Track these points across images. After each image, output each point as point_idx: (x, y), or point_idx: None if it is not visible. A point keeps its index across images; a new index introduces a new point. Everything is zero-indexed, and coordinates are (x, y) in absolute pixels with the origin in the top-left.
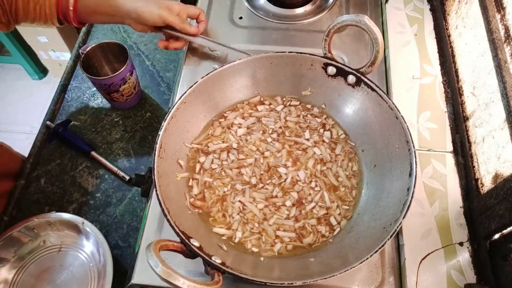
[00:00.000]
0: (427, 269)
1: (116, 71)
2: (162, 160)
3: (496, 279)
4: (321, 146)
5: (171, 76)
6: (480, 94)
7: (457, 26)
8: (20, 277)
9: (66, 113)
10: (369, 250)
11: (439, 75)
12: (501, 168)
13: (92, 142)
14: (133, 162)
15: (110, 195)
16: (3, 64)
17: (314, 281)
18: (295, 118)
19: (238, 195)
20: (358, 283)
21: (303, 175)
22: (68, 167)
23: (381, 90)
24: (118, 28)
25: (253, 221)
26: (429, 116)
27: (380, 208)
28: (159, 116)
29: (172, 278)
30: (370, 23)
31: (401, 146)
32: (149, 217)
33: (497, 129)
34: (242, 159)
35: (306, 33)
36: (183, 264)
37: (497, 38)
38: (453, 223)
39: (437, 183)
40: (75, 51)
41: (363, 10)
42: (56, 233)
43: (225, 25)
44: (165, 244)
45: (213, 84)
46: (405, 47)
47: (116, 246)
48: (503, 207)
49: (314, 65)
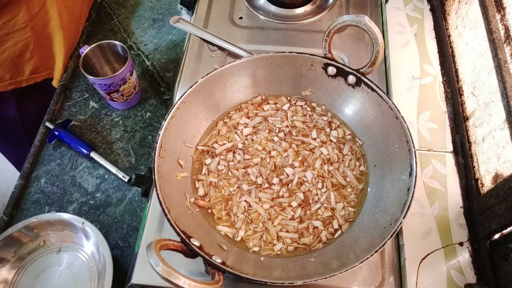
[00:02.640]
0: (427, 269)
1: (116, 71)
2: (162, 159)
3: (496, 279)
4: (329, 146)
5: (171, 76)
6: (480, 94)
7: (457, 26)
8: (20, 277)
9: (66, 113)
10: (369, 250)
11: (439, 75)
12: (501, 168)
13: (92, 142)
14: (133, 162)
15: (110, 195)
16: None
17: (314, 281)
18: (301, 117)
19: (244, 195)
20: (358, 283)
21: (310, 175)
22: (68, 167)
23: (381, 90)
24: (118, 28)
25: (257, 221)
26: (429, 116)
27: (380, 208)
28: (159, 116)
29: (173, 277)
30: (370, 23)
31: (401, 146)
32: (149, 217)
33: (497, 129)
34: (248, 159)
35: (306, 33)
36: (183, 264)
37: (497, 38)
38: (453, 223)
39: (437, 183)
40: (75, 51)
41: (363, 10)
42: (56, 233)
43: (225, 25)
44: (165, 243)
45: (213, 84)
46: (405, 47)
47: (116, 246)
48: (503, 207)
49: (314, 65)
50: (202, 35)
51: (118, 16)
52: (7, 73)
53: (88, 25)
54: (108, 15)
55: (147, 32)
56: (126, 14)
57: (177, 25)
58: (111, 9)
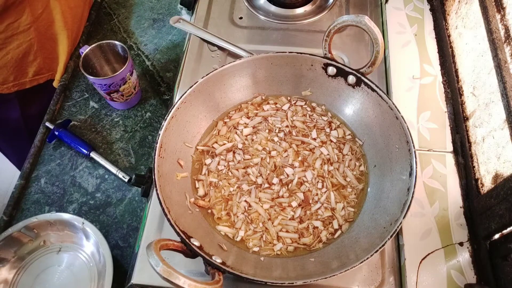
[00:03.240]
0: (427, 269)
1: (116, 71)
2: (162, 159)
3: (496, 279)
4: (329, 146)
5: (171, 76)
6: (480, 94)
7: (457, 26)
8: (20, 277)
9: (66, 113)
10: (369, 250)
11: (439, 75)
12: (501, 168)
13: (92, 142)
14: (133, 162)
15: (110, 195)
16: None
17: (314, 281)
18: (301, 117)
19: (244, 195)
20: (358, 283)
21: (311, 175)
22: (68, 167)
23: (381, 90)
24: (118, 28)
25: (257, 221)
26: (429, 116)
27: (380, 208)
28: (159, 116)
29: (173, 277)
30: (370, 24)
31: (401, 146)
32: (149, 217)
33: (497, 129)
34: (248, 159)
35: (306, 33)
36: (183, 264)
37: (497, 38)
38: (453, 223)
39: (437, 183)
40: (75, 51)
41: (363, 10)
42: (56, 233)
43: (225, 25)
44: (165, 243)
45: (213, 84)
46: (405, 47)
47: (116, 246)
48: (503, 207)
49: (314, 65)
50: (202, 35)
51: (118, 16)
52: (11, 75)
53: (88, 25)
54: (108, 15)
55: (147, 32)
56: (126, 14)
57: (177, 25)
58: (111, 9)
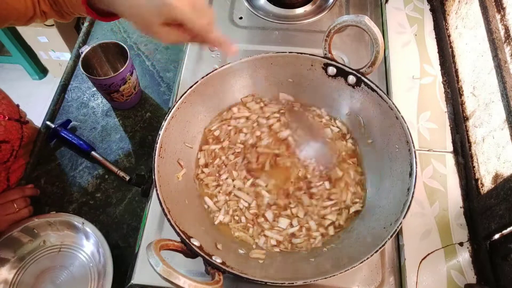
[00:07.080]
0: (427, 269)
1: (116, 71)
2: (162, 159)
3: (496, 279)
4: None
5: (171, 76)
6: (480, 94)
7: (457, 26)
8: (20, 277)
9: (66, 113)
10: (369, 250)
11: (439, 75)
12: (501, 168)
13: (92, 142)
14: (133, 162)
15: (110, 195)
16: (3, 64)
17: (314, 281)
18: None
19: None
20: (358, 283)
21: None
22: (68, 167)
23: (381, 90)
24: (118, 28)
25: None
26: (429, 116)
27: (380, 208)
28: (159, 116)
29: (173, 277)
30: (370, 24)
31: (401, 146)
32: (149, 217)
33: (497, 129)
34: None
35: (306, 33)
36: (183, 264)
37: (497, 38)
38: (453, 223)
39: (437, 183)
40: (75, 51)
41: (363, 11)
42: (56, 233)
43: (225, 25)
44: (165, 243)
45: (213, 84)
46: (405, 47)
47: (116, 246)
48: (503, 207)
49: (314, 66)
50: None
51: None
52: None
53: (88, 25)
54: None
55: None
56: None
57: None
58: None
